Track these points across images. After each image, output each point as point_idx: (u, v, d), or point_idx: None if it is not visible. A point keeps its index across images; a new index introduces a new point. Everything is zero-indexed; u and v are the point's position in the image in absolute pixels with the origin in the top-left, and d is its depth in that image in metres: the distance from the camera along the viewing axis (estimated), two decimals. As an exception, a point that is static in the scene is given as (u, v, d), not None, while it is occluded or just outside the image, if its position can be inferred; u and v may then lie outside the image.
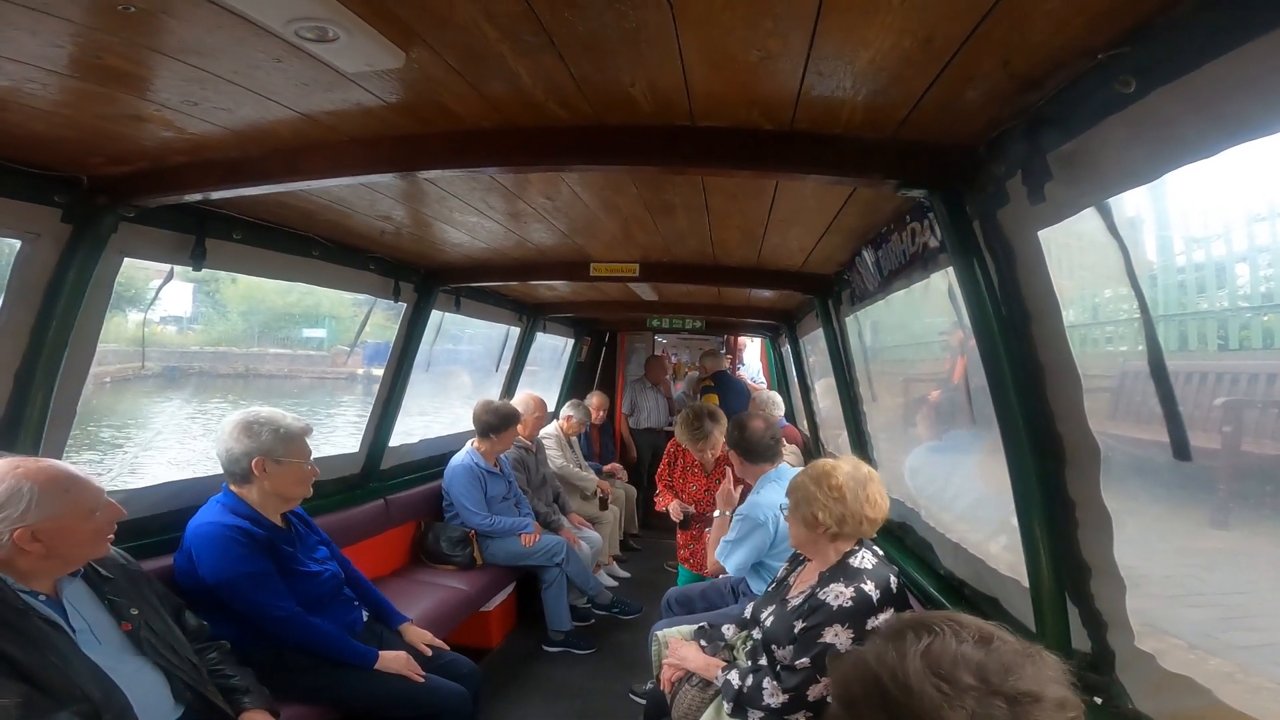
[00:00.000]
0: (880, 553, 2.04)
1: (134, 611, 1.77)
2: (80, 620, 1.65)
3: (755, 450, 3.07)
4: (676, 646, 2.33)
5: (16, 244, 1.86)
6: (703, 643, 2.34)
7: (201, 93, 1.41)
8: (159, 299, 2.56)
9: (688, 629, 2.52)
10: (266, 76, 1.34)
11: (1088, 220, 1.29)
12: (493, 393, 5.01)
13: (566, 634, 3.88)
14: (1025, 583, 1.65)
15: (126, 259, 2.11)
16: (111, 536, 1.74)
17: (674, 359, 7.71)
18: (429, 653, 2.51)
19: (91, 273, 1.93)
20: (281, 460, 2.25)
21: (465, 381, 5.72)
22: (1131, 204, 1.38)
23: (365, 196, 2.26)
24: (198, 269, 2.29)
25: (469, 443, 4.01)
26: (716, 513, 3.22)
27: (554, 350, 6.69)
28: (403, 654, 2.34)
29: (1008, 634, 0.91)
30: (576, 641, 3.87)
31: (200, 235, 2.26)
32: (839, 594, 1.86)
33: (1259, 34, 0.84)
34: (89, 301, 1.96)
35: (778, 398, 5.31)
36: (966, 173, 1.58)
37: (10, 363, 1.87)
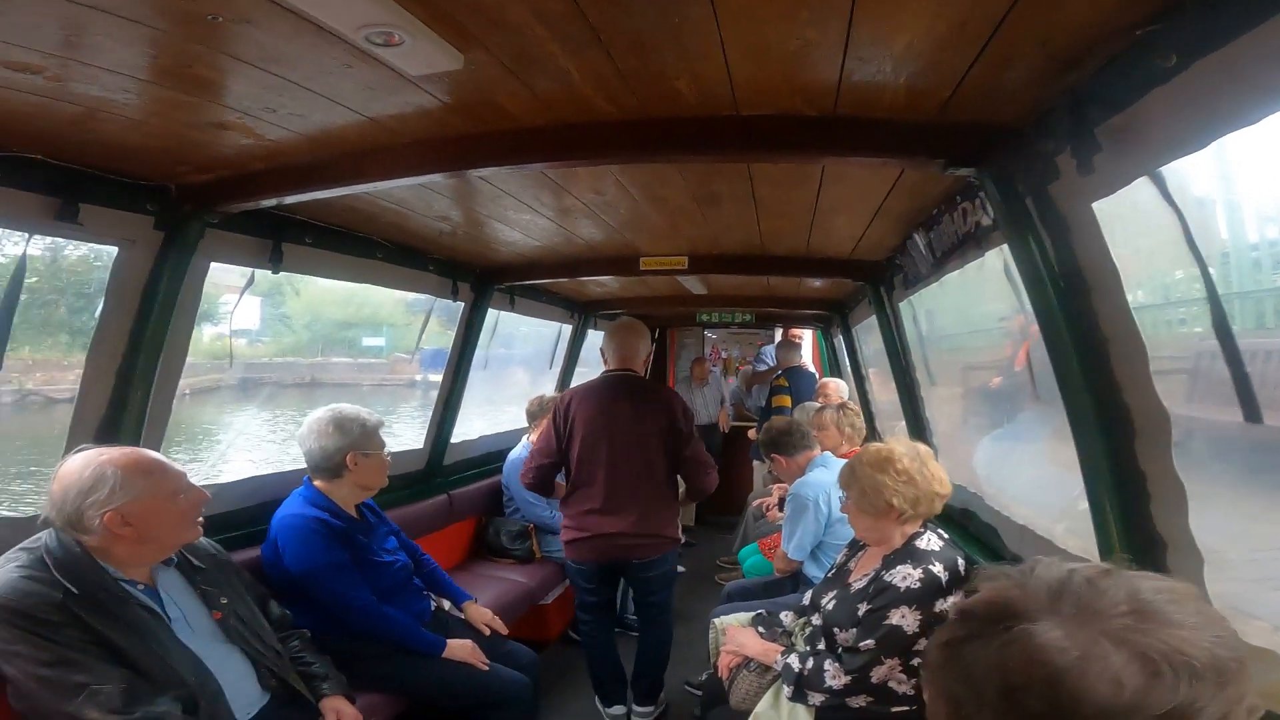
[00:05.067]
0: (945, 535, 2.02)
1: (224, 600, 1.83)
2: (175, 608, 1.72)
3: (787, 441, 3.25)
4: (734, 633, 2.34)
5: (114, 250, 2.00)
6: (760, 629, 2.35)
7: (278, 99, 1.50)
8: (239, 306, 2.75)
9: (745, 616, 2.53)
10: (337, 82, 1.42)
11: (1141, 190, 1.28)
12: (547, 389, 5.12)
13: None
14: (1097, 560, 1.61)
15: (212, 264, 2.26)
16: (201, 521, 1.79)
17: (724, 354, 7.69)
18: (487, 632, 2.60)
19: (183, 276, 2.07)
20: (369, 453, 2.37)
21: (521, 379, 5.87)
22: (1199, 183, 1.35)
23: (423, 197, 2.36)
24: (276, 272, 2.44)
25: (524, 437, 4.11)
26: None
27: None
28: (469, 642, 2.40)
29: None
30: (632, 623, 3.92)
31: (277, 240, 2.40)
32: (906, 575, 1.85)
33: None
34: (181, 304, 2.11)
35: (843, 384, 5.19)
36: (1014, 150, 1.57)
37: (112, 362, 2.02)
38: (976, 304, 3.04)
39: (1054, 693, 0.58)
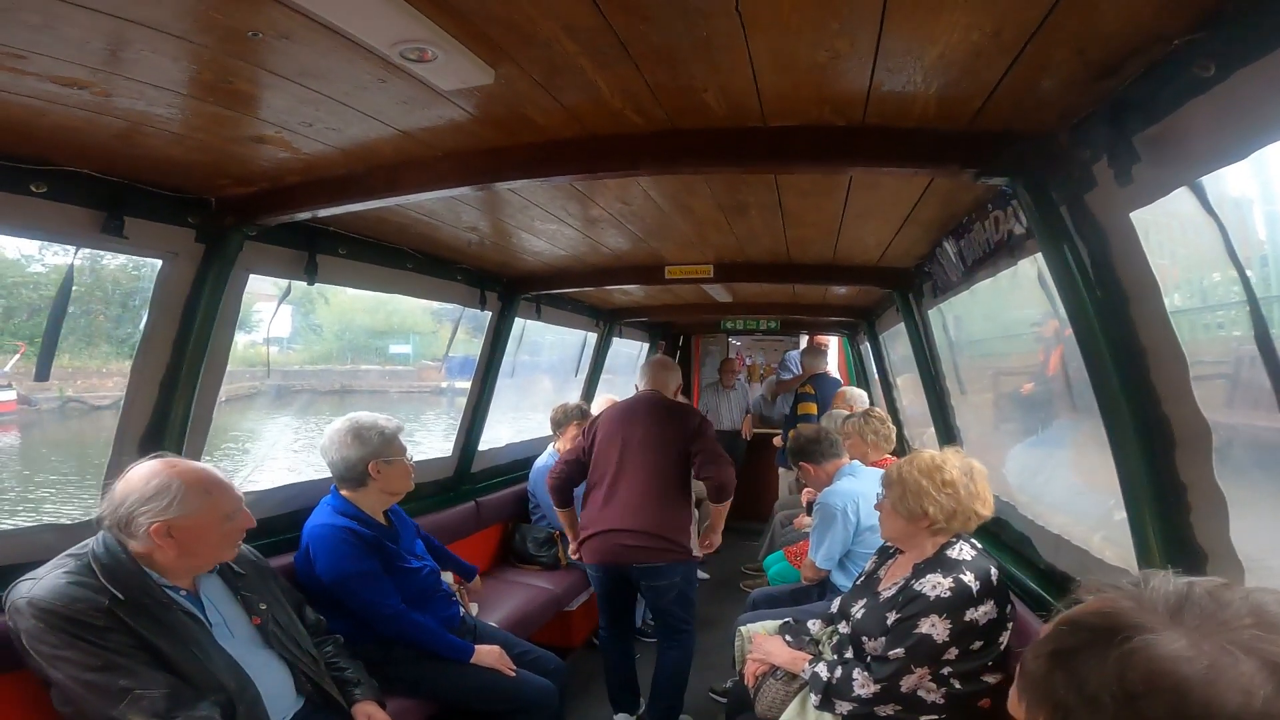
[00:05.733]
0: (978, 545, 1.99)
1: (263, 606, 1.85)
2: (216, 614, 1.74)
3: (816, 449, 3.21)
4: (761, 641, 2.32)
5: (158, 263, 2.05)
6: (787, 637, 2.33)
7: (315, 113, 1.54)
8: (275, 315, 2.81)
9: (772, 624, 2.51)
10: (372, 97, 1.46)
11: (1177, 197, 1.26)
12: (573, 397, 5.14)
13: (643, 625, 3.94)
14: (1135, 573, 1.57)
15: (251, 275, 2.31)
16: (239, 544, 1.82)
17: (748, 361, 7.65)
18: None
19: (224, 288, 2.12)
20: (391, 460, 2.38)
21: (546, 387, 5.91)
22: (1234, 184, 1.34)
23: (453, 208, 2.39)
24: (311, 283, 2.49)
25: (550, 445, 4.13)
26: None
27: (629, 358, 6.80)
28: (496, 648, 2.41)
29: None
30: (649, 631, 3.91)
31: (312, 252, 2.45)
32: (936, 585, 1.82)
33: None
34: (221, 315, 2.15)
35: (861, 392, 5.15)
36: (1049, 159, 1.56)
37: (156, 372, 2.07)
38: (1007, 309, 3.00)
39: (1182, 701, 0.58)
